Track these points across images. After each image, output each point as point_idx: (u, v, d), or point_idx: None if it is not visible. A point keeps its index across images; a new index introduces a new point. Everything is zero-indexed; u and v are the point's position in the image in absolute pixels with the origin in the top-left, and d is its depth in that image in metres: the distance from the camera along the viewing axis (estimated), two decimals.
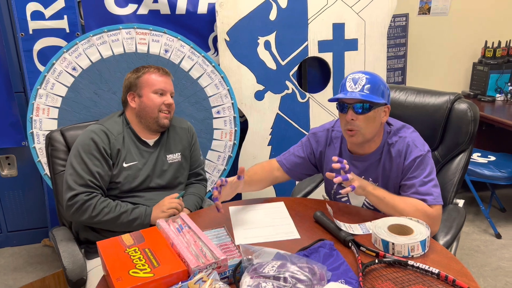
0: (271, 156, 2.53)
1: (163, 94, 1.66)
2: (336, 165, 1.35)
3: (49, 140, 1.71)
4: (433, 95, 1.80)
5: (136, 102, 1.66)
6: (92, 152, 1.56)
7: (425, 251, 1.20)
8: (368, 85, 1.40)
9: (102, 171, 1.57)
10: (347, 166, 1.36)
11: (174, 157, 1.72)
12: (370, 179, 1.53)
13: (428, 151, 1.47)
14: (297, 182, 2.59)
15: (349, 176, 1.36)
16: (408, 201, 1.40)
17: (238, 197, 2.73)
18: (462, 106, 1.72)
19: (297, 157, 1.68)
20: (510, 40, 3.16)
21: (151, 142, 1.69)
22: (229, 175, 2.65)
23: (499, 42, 3.12)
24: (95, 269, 1.52)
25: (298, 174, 1.70)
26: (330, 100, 1.46)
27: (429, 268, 1.10)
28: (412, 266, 1.12)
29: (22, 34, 2.18)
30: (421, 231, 1.23)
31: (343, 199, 1.61)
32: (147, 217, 1.58)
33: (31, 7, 2.17)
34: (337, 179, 1.34)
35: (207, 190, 2.31)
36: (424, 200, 1.39)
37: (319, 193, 2.30)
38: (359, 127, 1.42)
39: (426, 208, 1.38)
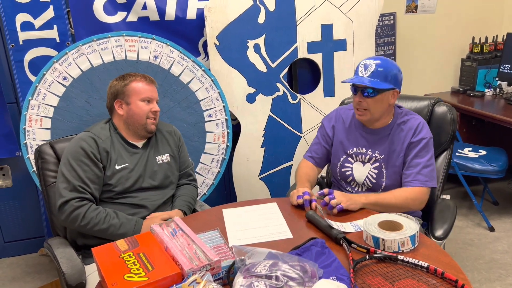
0: (264, 158, 2.55)
1: (150, 101, 1.72)
2: (319, 205, 1.47)
3: (39, 153, 1.73)
4: (414, 100, 1.91)
5: (124, 110, 1.71)
6: (80, 158, 1.60)
7: (415, 245, 1.23)
8: (377, 71, 1.55)
9: (93, 176, 1.61)
10: (326, 198, 1.47)
11: (163, 157, 1.79)
12: (377, 151, 1.66)
13: (431, 137, 1.63)
14: (291, 184, 2.62)
15: (333, 202, 1.46)
16: (397, 194, 1.56)
17: (232, 199, 2.76)
18: (442, 108, 1.84)
19: (315, 144, 1.86)
20: (496, 36, 3.20)
21: (139, 144, 1.76)
22: (223, 178, 2.67)
23: (486, 38, 3.16)
24: (94, 273, 1.53)
25: (324, 160, 1.85)
26: (344, 81, 1.64)
27: (418, 262, 1.12)
28: (402, 260, 1.14)
29: (12, 45, 2.19)
30: (410, 227, 1.25)
31: (347, 173, 1.73)
32: (137, 232, 1.58)
33: (20, 18, 2.18)
34: (325, 210, 1.47)
35: (202, 193, 2.34)
36: (421, 181, 1.57)
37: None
38: (367, 107, 1.60)
39: (414, 192, 1.57)
